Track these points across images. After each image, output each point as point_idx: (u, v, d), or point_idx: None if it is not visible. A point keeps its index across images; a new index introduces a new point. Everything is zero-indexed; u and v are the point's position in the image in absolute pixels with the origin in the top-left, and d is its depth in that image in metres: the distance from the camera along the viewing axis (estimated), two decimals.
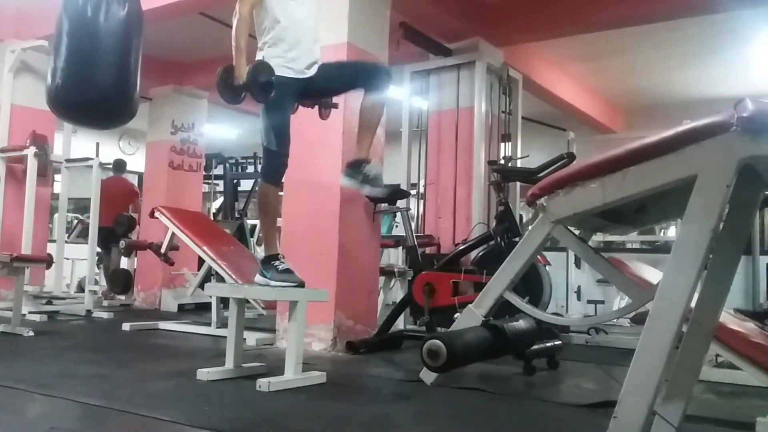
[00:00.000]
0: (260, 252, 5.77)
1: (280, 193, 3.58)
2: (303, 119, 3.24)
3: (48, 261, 5.19)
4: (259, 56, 2.98)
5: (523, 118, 6.05)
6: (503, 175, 4.30)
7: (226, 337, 2.99)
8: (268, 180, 3.00)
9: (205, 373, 2.80)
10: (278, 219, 3.48)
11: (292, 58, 2.95)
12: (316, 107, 3.32)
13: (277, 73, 2.87)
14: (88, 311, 5.57)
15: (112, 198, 6.76)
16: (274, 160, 2.97)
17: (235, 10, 2.88)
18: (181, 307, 6.49)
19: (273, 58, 2.90)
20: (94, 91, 3.80)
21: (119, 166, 7.56)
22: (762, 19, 5.57)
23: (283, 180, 3.21)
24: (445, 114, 5.57)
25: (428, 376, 2.63)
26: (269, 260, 2.93)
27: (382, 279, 4.82)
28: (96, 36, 3.75)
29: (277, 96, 2.88)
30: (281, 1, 2.97)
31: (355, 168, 3.07)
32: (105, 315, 5.53)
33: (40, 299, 5.60)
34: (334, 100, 3.37)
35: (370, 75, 3.08)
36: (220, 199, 8.81)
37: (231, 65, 2.83)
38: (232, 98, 2.87)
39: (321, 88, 3.13)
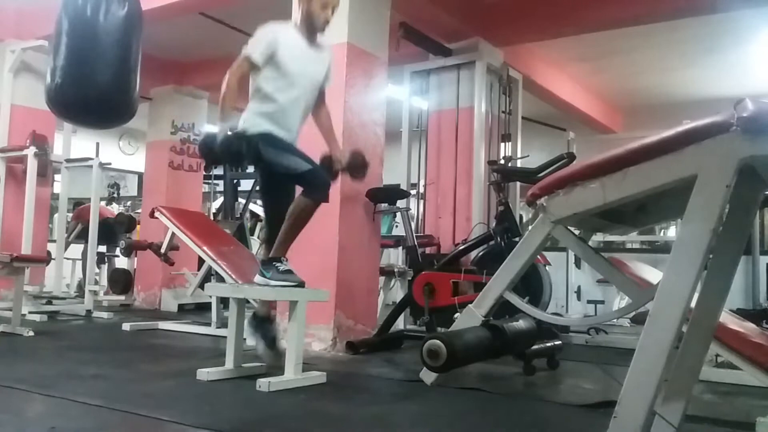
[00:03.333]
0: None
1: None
2: None
3: (47, 260, 5.19)
4: (249, 107, 3.00)
5: (523, 118, 6.05)
6: (503, 175, 4.30)
7: (226, 337, 2.99)
8: (317, 199, 2.88)
9: (205, 373, 2.80)
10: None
11: (276, 129, 2.96)
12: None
13: (265, 131, 2.90)
14: (88, 311, 5.57)
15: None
16: (318, 178, 2.90)
17: (225, 77, 2.87)
18: (181, 307, 6.49)
19: (259, 123, 2.93)
20: (93, 91, 3.80)
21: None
22: (762, 19, 5.57)
23: None
24: (445, 114, 5.58)
25: (428, 376, 2.62)
26: (271, 261, 2.92)
27: (382, 279, 4.82)
28: (95, 35, 3.76)
29: (273, 143, 2.90)
30: (275, 76, 2.95)
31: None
32: (105, 315, 5.53)
33: (40, 299, 5.59)
34: None
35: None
36: (220, 199, 8.80)
37: (213, 133, 2.86)
38: (213, 163, 2.91)
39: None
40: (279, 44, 2.93)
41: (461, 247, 4.32)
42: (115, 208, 8.38)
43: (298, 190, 3.01)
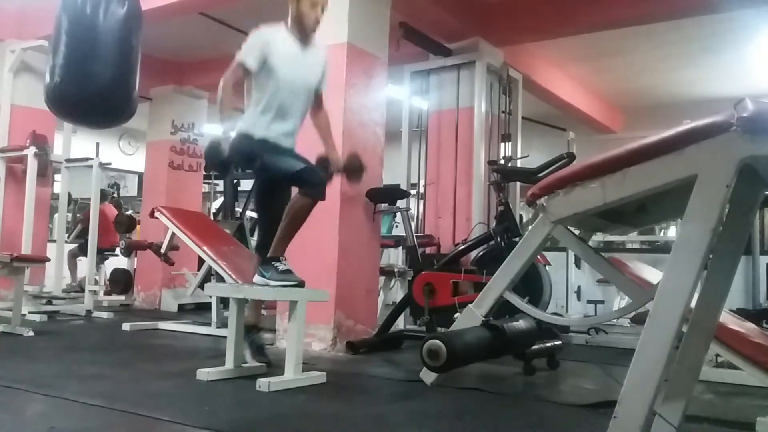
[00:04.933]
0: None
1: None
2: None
3: (47, 260, 5.20)
4: (248, 113, 3.03)
5: (523, 118, 6.05)
6: (503, 175, 4.30)
7: (226, 337, 2.99)
8: (313, 196, 2.89)
9: (205, 373, 2.80)
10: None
11: (272, 136, 2.97)
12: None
13: (262, 136, 2.93)
14: (88, 311, 5.57)
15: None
16: (314, 176, 2.91)
17: (221, 81, 2.89)
18: (181, 307, 6.49)
19: (258, 127, 2.95)
20: (92, 90, 3.80)
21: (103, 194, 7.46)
22: (762, 19, 5.57)
23: None
24: (445, 114, 5.57)
25: (428, 376, 2.62)
26: (270, 261, 2.92)
27: (382, 279, 4.82)
28: (95, 34, 3.75)
29: (269, 149, 2.94)
30: (269, 82, 2.96)
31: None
32: (105, 315, 5.53)
33: (40, 299, 5.59)
34: None
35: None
36: (220, 199, 8.80)
37: (218, 139, 2.89)
38: (219, 169, 2.95)
39: None
40: (271, 48, 2.94)
41: (461, 247, 4.32)
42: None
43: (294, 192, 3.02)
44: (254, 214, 6.60)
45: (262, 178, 3.21)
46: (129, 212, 8.37)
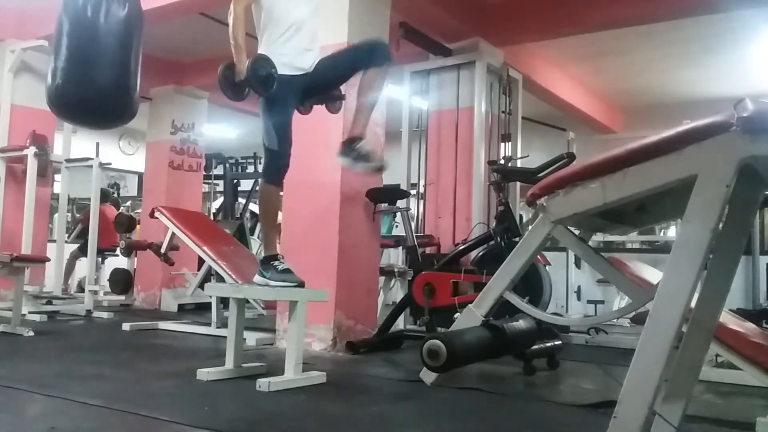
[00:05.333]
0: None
1: (281, 194, 3.57)
2: (303, 119, 3.24)
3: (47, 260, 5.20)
4: (261, 42, 3.00)
5: (523, 118, 6.05)
6: (503, 175, 4.30)
7: (226, 337, 3.00)
8: (270, 180, 2.99)
9: (205, 373, 2.80)
10: (278, 219, 3.47)
11: (289, 55, 2.95)
12: (324, 103, 3.32)
13: (279, 73, 2.87)
14: (88, 311, 5.57)
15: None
16: (276, 160, 2.96)
17: (230, 8, 2.88)
18: (181, 307, 6.48)
19: (271, 56, 2.90)
20: (93, 91, 3.80)
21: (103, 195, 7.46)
22: (762, 19, 5.57)
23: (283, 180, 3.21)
24: (445, 114, 5.57)
25: (428, 376, 2.62)
26: (268, 260, 2.93)
27: (382, 279, 4.82)
28: (96, 36, 3.75)
29: (277, 94, 2.89)
30: (272, 22, 2.96)
31: (350, 145, 3.05)
32: (105, 315, 5.53)
33: (40, 299, 5.59)
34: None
35: (367, 53, 3.05)
36: (220, 199, 8.81)
37: (232, 62, 2.84)
38: (234, 95, 2.88)
39: (322, 81, 3.12)
40: None
41: (461, 247, 4.32)
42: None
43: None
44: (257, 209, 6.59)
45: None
46: (122, 209, 8.35)
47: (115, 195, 9.01)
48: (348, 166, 3.15)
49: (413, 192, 5.71)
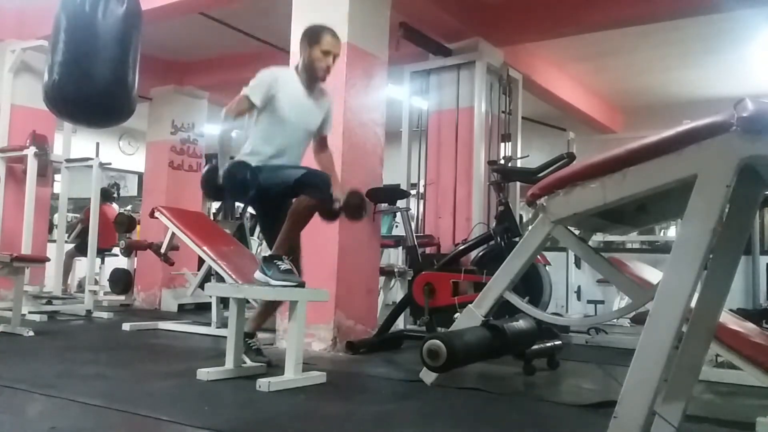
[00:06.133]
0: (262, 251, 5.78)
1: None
2: None
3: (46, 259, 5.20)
4: (246, 144, 3.06)
5: (523, 118, 6.05)
6: (503, 175, 4.30)
7: (226, 337, 2.99)
8: (321, 199, 2.89)
9: (205, 373, 2.80)
10: None
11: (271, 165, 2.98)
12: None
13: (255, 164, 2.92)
14: (88, 311, 5.57)
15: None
16: (317, 177, 2.91)
17: (222, 112, 2.91)
18: (181, 307, 6.49)
19: (255, 155, 2.98)
20: (91, 88, 3.78)
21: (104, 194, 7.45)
22: (762, 19, 5.57)
23: None
24: (445, 114, 5.58)
25: (428, 376, 2.62)
26: (272, 259, 2.92)
27: (382, 279, 4.82)
28: (94, 33, 3.74)
29: (264, 174, 2.91)
30: (271, 122, 2.99)
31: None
32: (105, 315, 5.53)
33: (40, 299, 5.60)
34: None
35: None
36: None
37: (215, 165, 2.91)
38: (215, 197, 2.91)
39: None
40: (279, 88, 2.98)
41: (461, 247, 4.32)
42: (116, 208, 8.36)
43: None
44: (254, 212, 6.59)
45: (262, 207, 3.22)
46: (115, 205, 8.32)
47: (116, 195, 8.99)
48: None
49: (413, 192, 5.71)
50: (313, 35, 3.06)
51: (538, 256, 3.77)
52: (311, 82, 3.10)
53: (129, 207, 9.84)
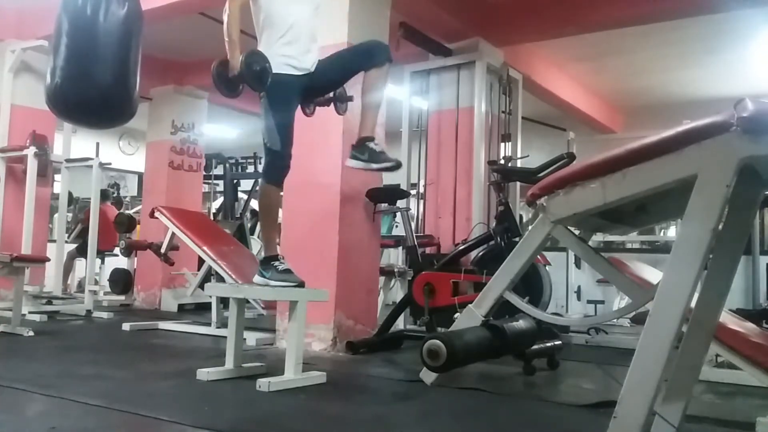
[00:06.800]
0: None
1: (281, 194, 3.57)
2: (303, 120, 3.24)
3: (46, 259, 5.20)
4: (260, 43, 3.00)
5: (523, 118, 6.05)
6: (503, 175, 4.30)
7: (226, 337, 2.99)
8: (270, 181, 2.98)
9: (205, 373, 2.80)
10: (278, 219, 3.47)
11: (289, 55, 2.94)
12: (332, 104, 3.31)
13: (276, 71, 2.86)
14: (88, 311, 5.57)
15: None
16: (278, 161, 2.95)
17: (225, 6, 2.88)
18: (181, 307, 6.48)
19: (272, 57, 2.90)
20: (93, 91, 3.79)
21: (104, 195, 7.45)
22: (762, 19, 5.57)
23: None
24: (445, 114, 5.57)
25: (428, 376, 2.62)
26: (269, 260, 2.93)
27: (382, 279, 4.82)
28: (95, 35, 3.74)
29: (279, 94, 2.89)
30: (270, 19, 2.96)
31: (361, 147, 3.04)
32: (105, 315, 5.53)
33: (40, 299, 5.59)
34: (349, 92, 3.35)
35: (367, 53, 3.06)
36: (220, 199, 8.81)
37: (225, 59, 2.84)
38: (228, 91, 2.88)
39: (324, 82, 3.12)
40: None
41: (461, 247, 4.32)
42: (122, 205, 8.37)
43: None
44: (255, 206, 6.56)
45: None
46: (110, 201, 8.30)
47: (116, 194, 8.99)
48: (362, 168, 3.12)
49: (413, 192, 5.71)
50: None
51: (538, 256, 3.77)
52: None
53: (129, 206, 9.84)
